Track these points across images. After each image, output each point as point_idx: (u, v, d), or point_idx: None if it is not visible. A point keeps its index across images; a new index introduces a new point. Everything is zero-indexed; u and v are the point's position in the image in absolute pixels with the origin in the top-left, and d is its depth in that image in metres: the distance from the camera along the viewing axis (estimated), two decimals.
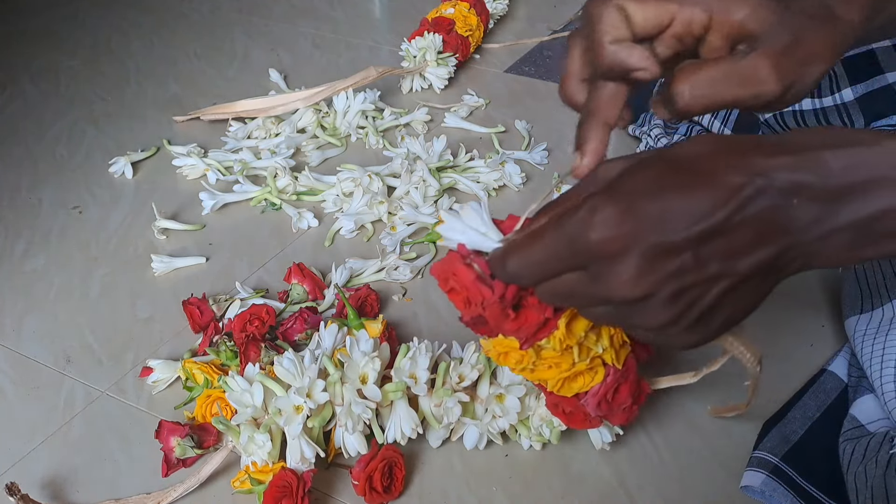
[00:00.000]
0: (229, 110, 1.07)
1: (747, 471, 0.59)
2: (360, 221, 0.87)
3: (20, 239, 0.91)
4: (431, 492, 0.61)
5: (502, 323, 0.46)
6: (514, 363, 0.50)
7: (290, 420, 0.58)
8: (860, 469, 0.56)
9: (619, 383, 0.53)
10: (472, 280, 0.45)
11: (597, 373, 0.52)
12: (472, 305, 0.45)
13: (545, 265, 0.41)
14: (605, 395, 0.53)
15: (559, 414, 0.56)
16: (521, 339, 0.47)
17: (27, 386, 0.73)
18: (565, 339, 0.48)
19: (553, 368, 0.50)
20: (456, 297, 0.47)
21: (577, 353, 0.49)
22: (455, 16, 1.16)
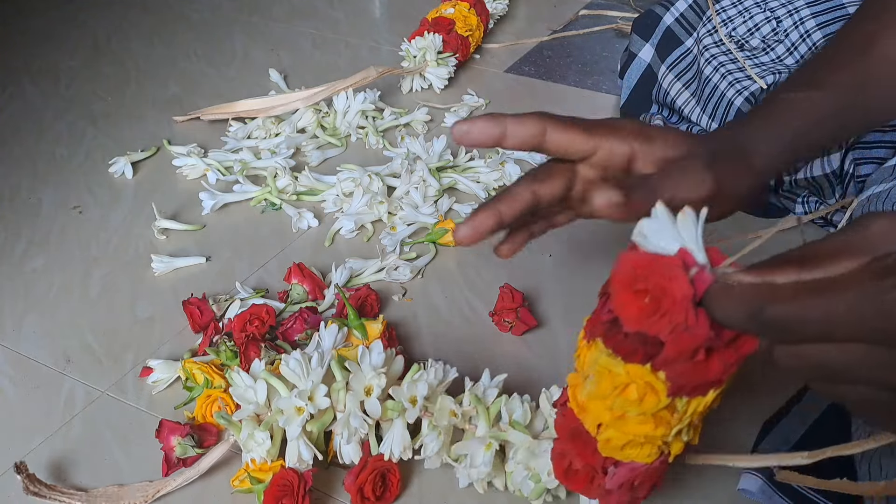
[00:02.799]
0: (229, 110, 1.07)
1: (745, 474, 0.59)
2: (360, 221, 0.87)
3: (20, 239, 0.91)
4: (431, 493, 0.61)
5: (677, 359, 0.38)
6: (616, 397, 0.42)
7: (289, 421, 0.58)
8: (874, 461, 0.56)
9: (653, 473, 0.47)
10: (685, 298, 0.36)
11: (652, 454, 0.45)
12: (660, 322, 0.37)
13: (822, 331, 0.33)
14: (637, 478, 0.46)
15: (560, 466, 0.50)
16: (678, 385, 0.39)
17: (27, 386, 0.73)
18: (702, 408, 0.41)
19: (643, 426, 0.43)
20: (634, 301, 0.38)
21: (679, 426, 0.42)
22: (455, 16, 1.16)
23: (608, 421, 0.43)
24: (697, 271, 0.37)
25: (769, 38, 0.90)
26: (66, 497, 0.61)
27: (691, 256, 0.37)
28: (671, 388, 0.39)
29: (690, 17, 0.98)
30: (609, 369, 0.41)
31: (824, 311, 0.32)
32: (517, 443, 0.57)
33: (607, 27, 1.29)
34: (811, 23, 0.85)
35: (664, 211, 0.39)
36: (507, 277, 0.79)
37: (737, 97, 0.87)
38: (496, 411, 0.59)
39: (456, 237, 0.56)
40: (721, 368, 0.38)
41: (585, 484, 0.49)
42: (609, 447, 0.45)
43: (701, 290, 0.36)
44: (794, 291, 0.34)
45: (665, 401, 0.40)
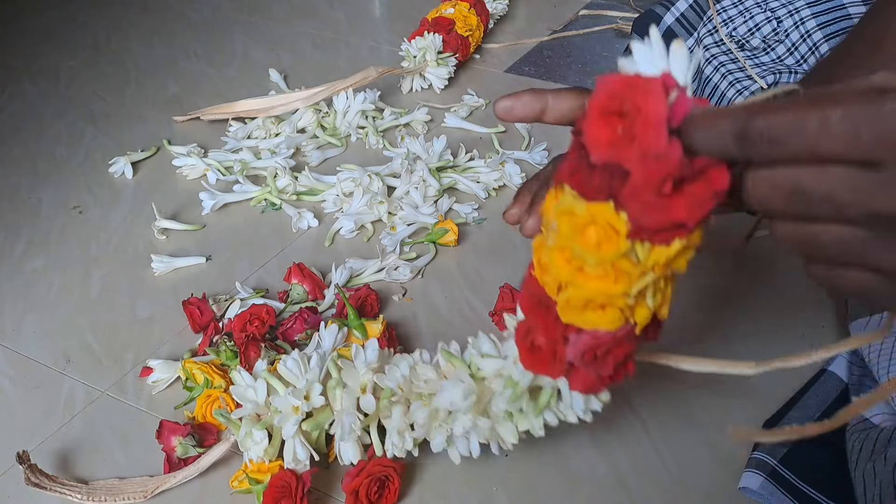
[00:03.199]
0: (229, 110, 1.07)
1: (746, 472, 0.59)
2: (360, 221, 0.87)
3: (20, 239, 0.91)
4: (431, 492, 0.61)
5: (644, 192, 0.35)
6: (573, 239, 0.39)
7: (285, 420, 0.58)
8: (868, 466, 0.56)
9: (619, 345, 0.44)
10: (660, 118, 0.34)
11: (614, 321, 0.42)
12: (629, 147, 0.35)
13: (811, 144, 0.31)
14: (600, 348, 0.43)
15: (524, 346, 0.48)
16: (642, 225, 0.36)
17: (27, 386, 0.73)
18: (663, 260, 0.38)
19: (602, 280, 0.39)
20: (605, 124, 0.35)
21: (640, 283, 0.39)
22: (455, 16, 1.16)
23: (568, 276, 0.40)
24: (678, 95, 0.34)
25: (770, 38, 0.90)
26: (66, 488, 0.61)
27: (673, 80, 0.34)
28: (633, 228, 0.37)
29: (691, 17, 0.98)
30: (570, 209, 0.39)
31: (818, 119, 0.30)
32: (488, 370, 0.55)
33: (607, 27, 1.29)
34: (812, 23, 0.85)
35: (657, 38, 0.36)
36: (507, 277, 0.79)
37: (737, 97, 0.87)
38: (472, 360, 0.56)
39: (496, 108, 0.51)
40: (688, 206, 0.35)
41: (548, 360, 0.46)
42: (569, 309, 0.42)
43: (679, 114, 0.34)
44: (788, 105, 0.32)
45: (625, 245, 0.37)
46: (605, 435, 0.65)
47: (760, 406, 0.65)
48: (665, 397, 0.66)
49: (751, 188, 0.33)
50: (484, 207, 0.91)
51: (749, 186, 0.33)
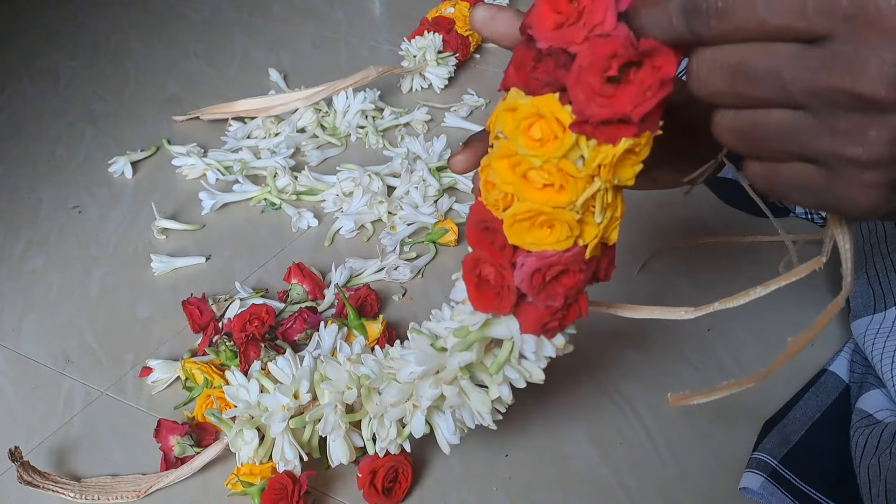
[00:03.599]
0: (229, 110, 1.07)
1: (746, 472, 0.59)
2: (359, 221, 0.87)
3: (19, 239, 0.91)
4: (431, 492, 0.61)
5: (589, 73, 0.34)
6: (517, 136, 0.37)
7: (272, 418, 0.58)
8: (873, 461, 0.56)
9: (567, 270, 0.41)
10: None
11: (561, 240, 0.40)
12: (575, 27, 0.34)
13: (759, 16, 0.30)
14: (547, 272, 0.41)
15: (471, 282, 0.45)
16: (587, 115, 0.35)
17: (26, 386, 0.72)
18: (606, 163, 0.37)
19: (545, 191, 0.38)
20: (552, 9, 0.35)
21: (586, 192, 0.38)
22: (455, 15, 1.16)
23: (512, 184, 0.39)
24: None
25: None
26: (59, 486, 0.61)
27: None
28: (577, 119, 0.35)
29: None
30: (514, 105, 0.37)
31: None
32: (445, 334, 0.52)
33: None
34: None
35: None
36: None
37: None
38: (436, 332, 0.54)
39: (474, 15, 0.43)
40: (634, 96, 0.34)
41: (496, 293, 0.44)
42: (516, 228, 0.40)
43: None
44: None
45: (569, 140, 0.36)
46: (605, 435, 0.64)
47: (761, 406, 0.65)
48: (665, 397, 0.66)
49: (695, 68, 0.33)
50: None
51: (693, 67, 0.33)
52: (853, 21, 0.29)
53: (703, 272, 0.77)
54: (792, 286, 0.70)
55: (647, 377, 0.69)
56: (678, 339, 0.72)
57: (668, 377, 0.69)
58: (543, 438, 0.65)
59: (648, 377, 0.69)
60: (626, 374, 0.69)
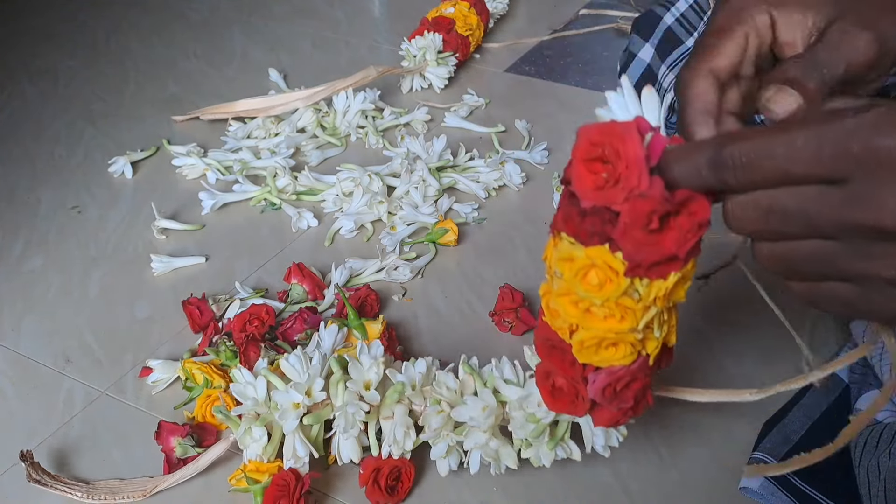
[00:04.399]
0: (229, 110, 1.07)
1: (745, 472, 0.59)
2: (359, 221, 0.87)
3: (19, 239, 0.90)
4: (431, 492, 0.61)
5: (633, 229, 0.38)
6: (576, 283, 0.41)
7: (285, 415, 0.58)
8: (872, 461, 0.56)
9: (636, 378, 0.46)
10: (639, 159, 0.37)
11: (626, 356, 0.44)
12: (614, 190, 0.37)
13: (780, 166, 0.34)
14: (618, 382, 0.46)
15: (546, 388, 0.50)
16: (637, 261, 0.39)
17: (26, 386, 0.72)
18: (662, 293, 0.40)
19: (610, 320, 0.42)
20: (589, 170, 0.38)
21: (645, 317, 0.42)
22: (455, 15, 1.16)
23: (576, 318, 0.43)
24: (653, 135, 0.37)
25: None
26: (67, 487, 0.61)
27: (647, 123, 0.38)
28: (629, 266, 0.39)
29: (691, 18, 0.98)
30: (569, 256, 0.41)
31: (785, 143, 0.33)
32: (511, 397, 0.57)
33: (607, 27, 1.29)
34: None
35: (629, 86, 0.39)
36: (507, 277, 0.79)
37: None
38: (492, 379, 0.59)
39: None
40: (676, 239, 0.38)
41: (571, 400, 0.48)
42: (584, 351, 0.44)
43: (655, 153, 0.37)
44: (756, 133, 0.35)
45: (624, 283, 0.40)
46: None
47: (761, 406, 0.65)
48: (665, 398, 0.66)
49: (730, 212, 0.36)
50: (484, 207, 0.90)
51: (728, 211, 0.37)
52: (866, 164, 0.32)
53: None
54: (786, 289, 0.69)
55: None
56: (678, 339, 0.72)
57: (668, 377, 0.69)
58: None
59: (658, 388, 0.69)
60: None
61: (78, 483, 0.62)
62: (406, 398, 0.59)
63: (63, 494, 0.61)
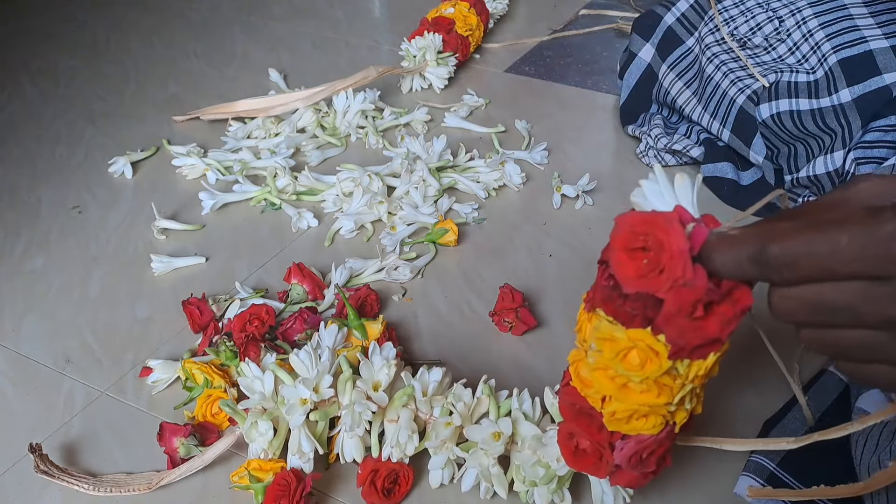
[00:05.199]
0: (229, 110, 1.07)
1: (742, 476, 0.59)
2: (359, 221, 0.87)
3: (19, 239, 0.90)
4: (431, 495, 0.61)
5: (678, 317, 0.39)
6: (617, 363, 0.42)
7: (292, 410, 0.58)
8: (873, 459, 0.56)
9: (662, 445, 0.47)
10: (683, 251, 0.37)
11: (656, 426, 0.45)
12: (659, 279, 0.38)
13: (825, 266, 0.35)
14: (645, 450, 0.46)
15: (567, 448, 0.50)
16: (680, 345, 0.40)
17: (26, 386, 0.72)
18: (703, 372, 0.41)
19: (646, 395, 0.43)
20: (632, 260, 0.39)
21: (681, 393, 0.43)
22: (455, 15, 1.16)
23: (612, 392, 0.43)
24: (694, 226, 0.38)
25: (771, 37, 0.89)
26: (74, 479, 0.62)
27: (688, 213, 0.38)
28: (672, 349, 0.40)
29: (692, 17, 0.98)
30: (610, 336, 0.42)
31: (828, 244, 0.34)
32: (525, 433, 0.57)
33: (607, 27, 1.29)
34: (813, 22, 0.85)
35: (662, 174, 0.40)
36: (507, 277, 0.79)
37: (739, 95, 0.86)
38: (507, 406, 0.59)
39: None
40: (720, 325, 0.39)
41: (594, 462, 0.49)
42: (615, 420, 0.45)
43: (698, 244, 0.38)
44: (796, 230, 0.35)
45: (666, 364, 0.40)
46: None
47: (762, 406, 0.65)
48: None
49: (776, 305, 0.37)
50: (484, 207, 0.90)
51: (774, 303, 0.37)
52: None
53: None
54: None
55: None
56: None
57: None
58: None
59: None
60: None
61: (85, 476, 0.63)
62: (414, 404, 0.59)
63: (70, 486, 0.61)
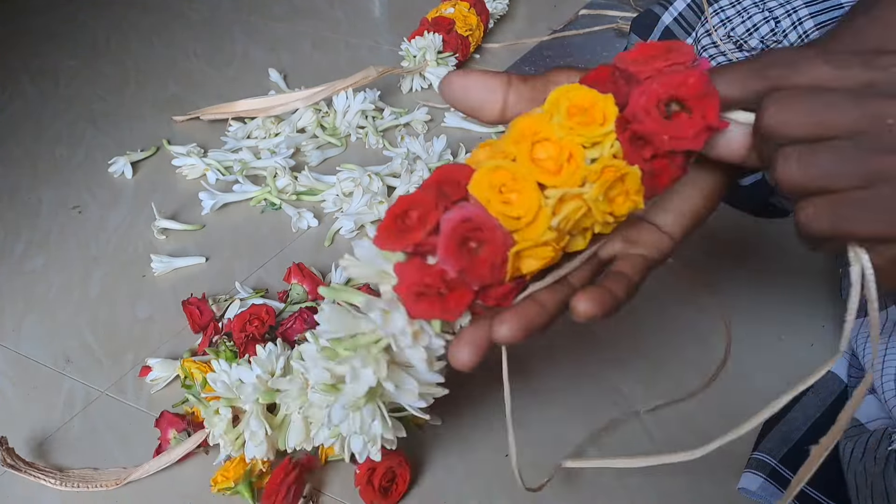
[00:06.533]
0: (229, 110, 1.07)
1: (745, 472, 0.59)
2: (359, 221, 0.87)
3: (20, 239, 0.91)
4: (431, 492, 0.61)
5: (652, 109, 0.36)
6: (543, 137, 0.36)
7: (243, 390, 0.58)
8: (860, 467, 0.56)
9: (493, 250, 0.36)
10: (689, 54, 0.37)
11: (531, 210, 0.36)
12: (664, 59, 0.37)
13: (831, 59, 0.36)
14: (476, 233, 0.36)
15: (393, 209, 0.38)
16: (635, 118, 0.37)
17: (26, 386, 0.72)
18: (609, 176, 0.36)
19: (544, 163, 0.36)
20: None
21: (580, 212, 0.37)
22: (455, 15, 1.16)
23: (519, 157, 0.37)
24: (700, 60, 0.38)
25: (768, 38, 0.90)
26: (41, 474, 0.62)
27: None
28: (620, 119, 0.37)
29: (689, 17, 0.98)
30: (588, 104, 0.37)
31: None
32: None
33: (607, 27, 1.29)
34: (809, 23, 0.85)
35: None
36: None
37: None
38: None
39: (443, 87, 0.42)
40: (690, 128, 0.36)
41: (406, 229, 0.37)
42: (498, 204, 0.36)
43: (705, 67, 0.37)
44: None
45: (609, 129, 0.36)
46: (605, 435, 0.65)
47: (761, 406, 0.65)
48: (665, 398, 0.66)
49: (771, 114, 0.35)
50: None
51: (769, 114, 0.35)
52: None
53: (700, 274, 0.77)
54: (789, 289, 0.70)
55: (648, 377, 0.69)
56: (678, 339, 0.72)
57: (668, 377, 0.69)
58: (544, 439, 0.65)
59: (648, 377, 0.69)
60: (627, 375, 0.69)
61: (52, 470, 0.63)
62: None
63: (37, 481, 0.62)
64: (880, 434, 0.57)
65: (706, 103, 0.36)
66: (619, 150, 0.37)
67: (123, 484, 0.62)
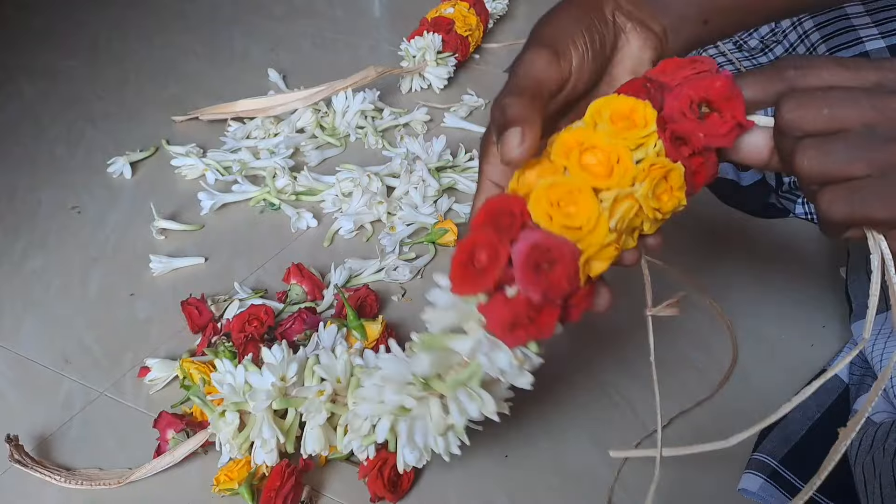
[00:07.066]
0: (228, 110, 1.07)
1: (746, 473, 0.59)
2: (359, 222, 0.87)
3: (19, 239, 0.90)
4: (431, 491, 0.61)
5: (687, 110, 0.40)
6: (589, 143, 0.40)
7: (255, 396, 0.58)
8: (868, 459, 0.56)
9: (564, 266, 0.39)
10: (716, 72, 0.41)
11: (593, 217, 0.39)
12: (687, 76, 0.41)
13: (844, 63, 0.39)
14: (548, 254, 0.38)
15: (458, 260, 0.41)
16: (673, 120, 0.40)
17: (26, 386, 0.72)
18: (656, 173, 0.40)
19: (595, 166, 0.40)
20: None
21: (633, 211, 0.40)
22: (454, 15, 1.16)
23: (584, 137, 0.40)
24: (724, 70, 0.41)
25: (767, 38, 0.89)
26: (47, 472, 0.62)
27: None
28: (660, 120, 0.40)
29: None
30: (631, 112, 0.41)
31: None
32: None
33: None
34: (809, 23, 0.85)
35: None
36: None
37: None
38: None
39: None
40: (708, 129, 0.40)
41: (480, 271, 0.40)
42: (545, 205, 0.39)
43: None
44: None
45: (651, 130, 0.40)
46: (605, 435, 0.64)
47: (761, 406, 0.65)
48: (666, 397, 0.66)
49: (790, 110, 0.38)
50: None
51: (787, 109, 0.38)
52: None
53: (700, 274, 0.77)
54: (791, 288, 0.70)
55: (647, 377, 0.69)
56: (678, 339, 0.72)
57: (668, 377, 0.69)
58: (543, 439, 0.65)
59: (648, 377, 0.69)
60: (626, 374, 0.69)
61: (58, 468, 0.63)
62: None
63: (43, 478, 0.62)
64: (888, 426, 0.57)
65: (733, 104, 0.40)
66: (661, 150, 0.40)
67: (126, 483, 0.62)
